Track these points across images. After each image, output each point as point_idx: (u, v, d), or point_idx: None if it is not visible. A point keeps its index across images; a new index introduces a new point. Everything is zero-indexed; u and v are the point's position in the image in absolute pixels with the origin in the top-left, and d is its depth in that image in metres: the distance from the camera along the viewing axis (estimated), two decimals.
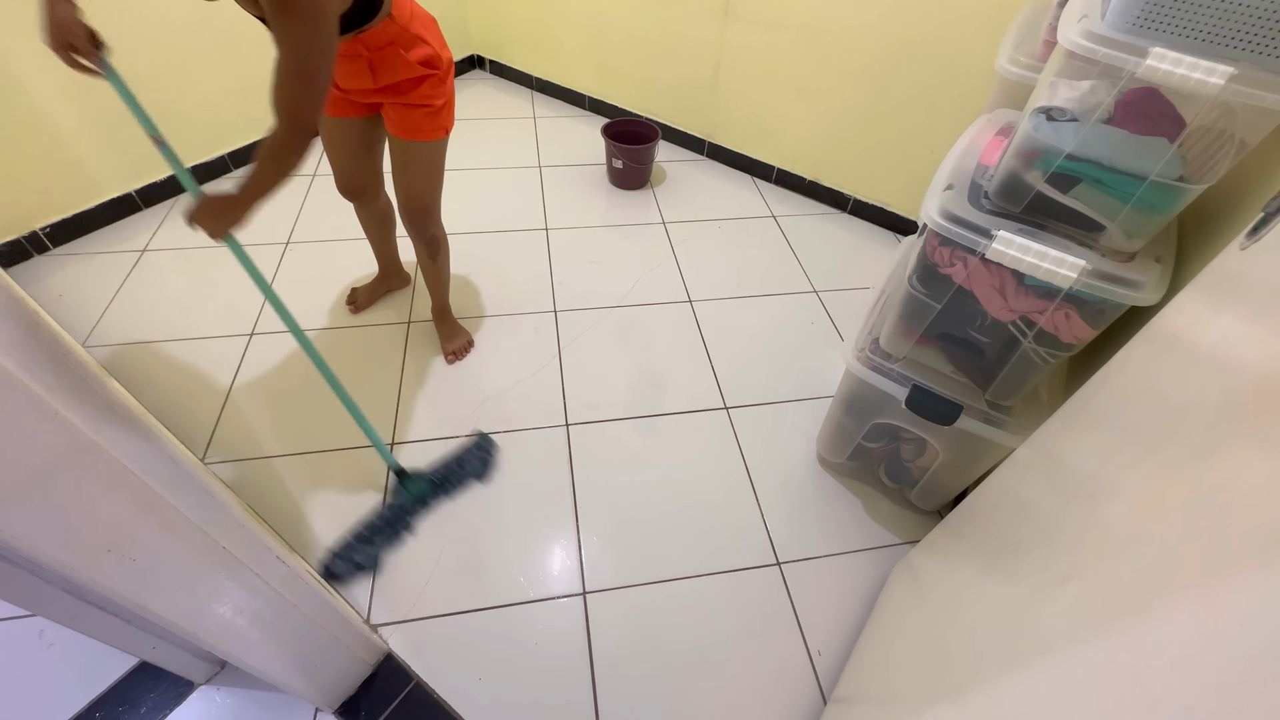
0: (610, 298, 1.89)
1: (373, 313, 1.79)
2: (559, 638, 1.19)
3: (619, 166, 2.26)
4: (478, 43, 2.98)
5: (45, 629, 1.16)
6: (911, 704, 0.77)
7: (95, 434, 0.54)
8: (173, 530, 0.65)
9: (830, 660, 1.19)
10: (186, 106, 2.07)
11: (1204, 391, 0.53)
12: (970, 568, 0.86)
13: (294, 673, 0.97)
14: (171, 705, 1.09)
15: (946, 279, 1.03)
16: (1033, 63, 1.16)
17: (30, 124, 1.75)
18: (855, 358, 1.20)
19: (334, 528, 1.33)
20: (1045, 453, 0.85)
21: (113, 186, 2.00)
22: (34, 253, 1.90)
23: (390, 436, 1.49)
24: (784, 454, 1.52)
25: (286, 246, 1.99)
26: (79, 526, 0.57)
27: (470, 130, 2.62)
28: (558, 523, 1.36)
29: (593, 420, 1.55)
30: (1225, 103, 0.75)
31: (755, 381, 1.68)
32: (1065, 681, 0.49)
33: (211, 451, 1.45)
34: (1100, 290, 0.87)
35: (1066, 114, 0.88)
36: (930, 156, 1.98)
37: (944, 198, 0.99)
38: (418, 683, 1.12)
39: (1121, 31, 0.79)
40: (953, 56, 1.78)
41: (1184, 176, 0.83)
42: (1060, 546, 0.63)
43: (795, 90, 2.13)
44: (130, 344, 1.67)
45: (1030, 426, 0.98)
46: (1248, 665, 0.33)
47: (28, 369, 0.49)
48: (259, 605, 0.82)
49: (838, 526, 1.39)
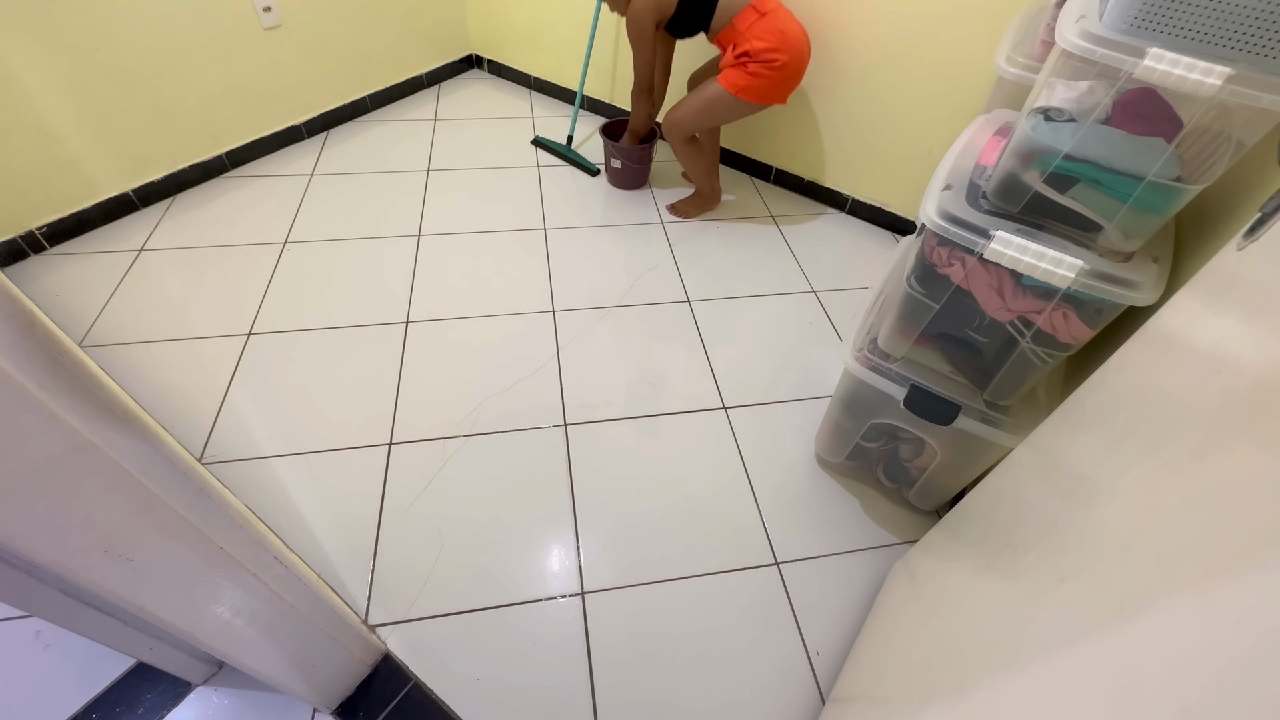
0: (609, 297, 1.88)
1: (376, 312, 1.79)
2: (557, 638, 1.19)
3: (618, 166, 2.26)
4: (476, 42, 2.97)
5: (42, 630, 1.15)
6: (910, 703, 0.77)
7: (92, 434, 0.54)
8: (170, 531, 0.65)
9: (828, 660, 1.19)
10: (185, 106, 2.07)
11: (1201, 391, 0.53)
12: (968, 567, 0.86)
13: (292, 673, 0.97)
14: (169, 706, 1.08)
15: (945, 279, 1.03)
16: (1031, 63, 1.16)
17: (26, 123, 1.75)
18: (854, 357, 1.20)
19: (332, 528, 1.33)
20: (1043, 452, 0.85)
21: (109, 186, 2.00)
22: (30, 252, 1.90)
23: (389, 436, 1.49)
24: (782, 454, 1.52)
25: (285, 246, 1.99)
26: (76, 527, 0.57)
27: (469, 130, 2.62)
28: (556, 523, 1.36)
29: (591, 420, 1.55)
30: (1222, 103, 0.76)
31: (754, 381, 1.68)
32: (1063, 681, 0.49)
33: (209, 451, 1.45)
34: (1098, 290, 0.88)
35: (1064, 114, 0.88)
36: (928, 157, 1.98)
37: (942, 198, 0.99)
38: (416, 683, 1.12)
39: (1119, 32, 0.79)
40: (951, 56, 1.78)
41: (1181, 177, 0.84)
42: (1058, 546, 0.63)
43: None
44: (127, 344, 1.67)
45: (1028, 426, 0.98)
46: (1245, 665, 0.33)
47: (24, 369, 0.49)
48: (257, 606, 0.82)
49: (836, 526, 1.40)
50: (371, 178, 2.31)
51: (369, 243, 2.02)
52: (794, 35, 1.72)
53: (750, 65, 1.72)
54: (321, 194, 2.21)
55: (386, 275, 1.91)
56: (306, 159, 2.38)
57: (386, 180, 2.30)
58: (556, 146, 2.49)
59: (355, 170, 2.34)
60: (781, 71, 1.73)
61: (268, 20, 2.16)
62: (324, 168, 2.34)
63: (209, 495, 0.74)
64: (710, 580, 1.29)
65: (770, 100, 1.81)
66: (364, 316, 1.78)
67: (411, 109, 2.73)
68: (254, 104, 2.26)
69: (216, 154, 2.22)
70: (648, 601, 1.25)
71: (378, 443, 1.48)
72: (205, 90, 2.10)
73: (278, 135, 2.38)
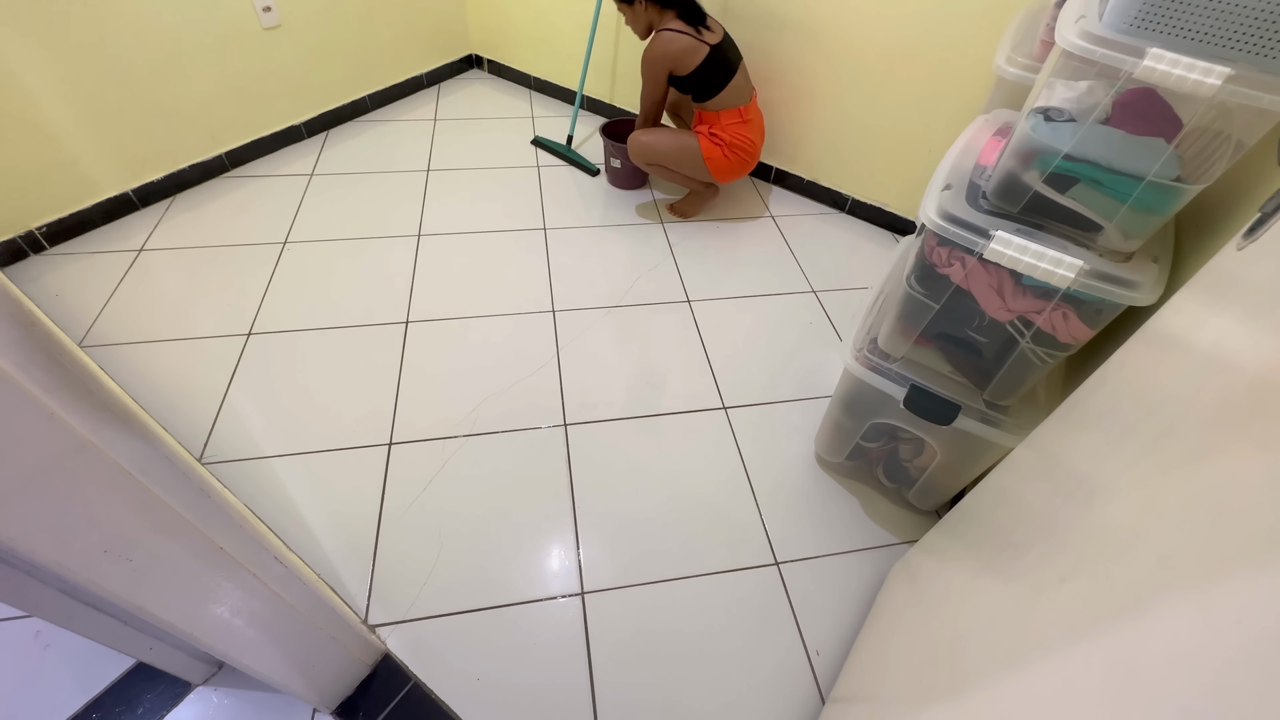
0: (608, 297, 1.88)
1: (376, 311, 1.79)
2: (557, 638, 1.19)
3: (617, 166, 2.26)
4: (476, 42, 2.97)
5: (41, 630, 1.15)
6: (909, 703, 0.77)
7: (92, 434, 0.54)
8: (170, 531, 0.65)
9: (828, 660, 1.19)
10: (184, 106, 2.07)
11: (1201, 391, 0.53)
12: (968, 567, 0.86)
13: (292, 673, 0.97)
14: (169, 706, 1.08)
15: (944, 279, 1.03)
16: (1030, 63, 1.16)
17: (26, 123, 1.75)
18: (853, 357, 1.20)
19: (332, 528, 1.33)
20: (1043, 452, 0.85)
21: (109, 186, 2.00)
22: (30, 252, 1.90)
23: (389, 436, 1.49)
24: (782, 454, 1.52)
25: (284, 246, 1.99)
26: (75, 527, 0.57)
27: (468, 130, 2.62)
28: (556, 522, 1.36)
29: (591, 420, 1.55)
30: (1222, 103, 0.76)
31: (753, 381, 1.68)
32: (1063, 681, 0.49)
33: (209, 451, 1.45)
34: (1098, 290, 0.88)
35: (1064, 114, 0.88)
36: (928, 156, 1.98)
37: (942, 198, 0.99)
38: (416, 683, 1.12)
39: (1119, 32, 0.79)
40: (951, 56, 1.78)
41: (1181, 177, 0.84)
42: (1057, 546, 0.63)
43: (793, 90, 2.13)
44: (127, 344, 1.67)
45: (1028, 426, 0.98)
46: (1244, 665, 0.33)
47: (24, 369, 0.48)
48: (256, 606, 0.82)
49: (836, 526, 1.40)
50: (371, 178, 2.31)
51: (369, 242, 2.02)
52: (756, 147, 1.97)
53: (724, 149, 1.93)
54: (321, 194, 2.21)
55: (387, 275, 1.91)
56: (306, 159, 2.38)
57: (386, 180, 2.30)
58: (556, 146, 2.49)
59: (355, 170, 2.34)
60: (738, 166, 1.98)
61: (268, 20, 2.16)
62: (324, 168, 2.34)
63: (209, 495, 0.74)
64: (710, 580, 1.29)
65: (718, 178, 2.02)
66: (364, 316, 1.78)
67: (411, 109, 2.73)
68: (254, 104, 2.26)
69: (216, 154, 2.22)
70: (648, 601, 1.25)
71: (378, 442, 1.48)
72: (205, 90, 2.10)
73: (277, 135, 2.38)
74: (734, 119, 1.91)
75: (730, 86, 1.84)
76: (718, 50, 1.79)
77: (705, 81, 1.83)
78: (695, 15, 1.78)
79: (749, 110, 1.92)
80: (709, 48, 1.77)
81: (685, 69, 1.80)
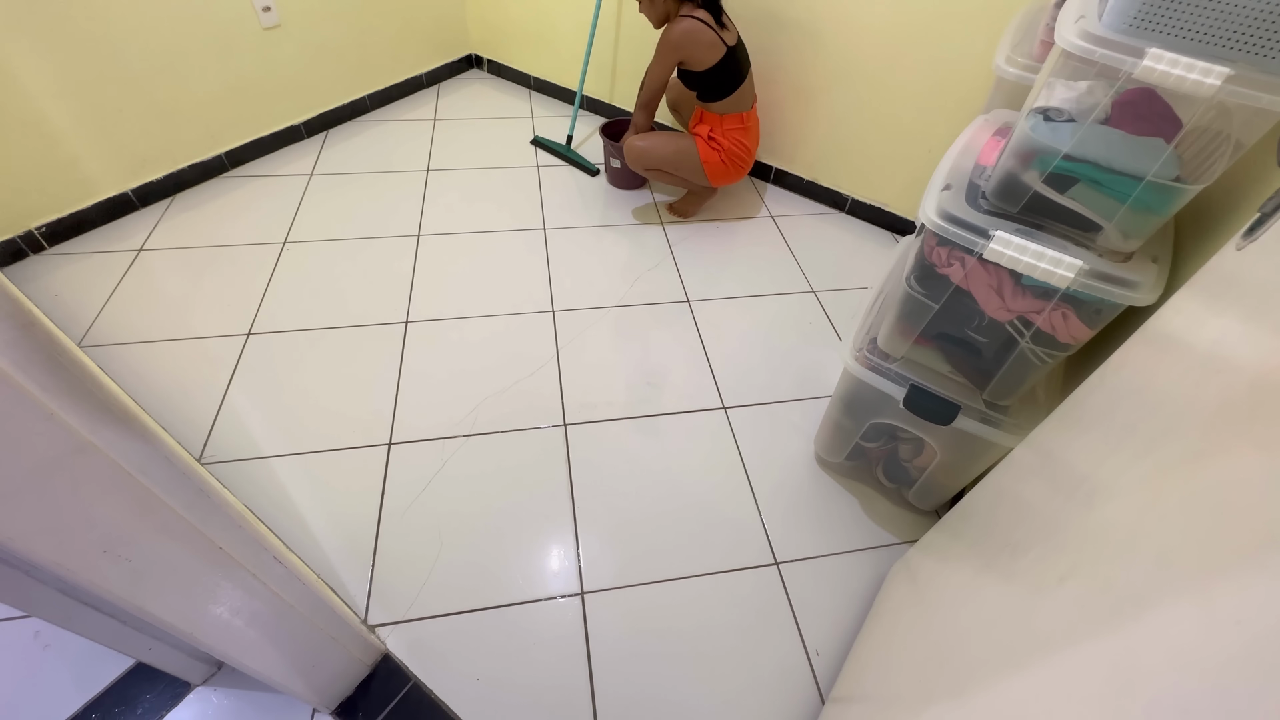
0: (608, 297, 1.88)
1: (376, 312, 1.79)
2: (557, 637, 1.19)
3: (617, 166, 2.26)
4: (475, 42, 2.97)
5: (41, 630, 1.15)
6: (909, 703, 0.77)
7: (91, 434, 0.54)
8: (169, 531, 0.65)
9: (828, 660, 1.19)
10: (184, 106, 2.06)
11: (1200, 391, 0.53)
12: (968, 567, 0.86)
13: (291, 673, 0.97)
14: (168, 706, 1.08)
15: (944, 279, 1.03)
16: (1030, 63, 1.16)
17: (25, 123, 1.75)
18: (853, 357, 1.20)
19: (332, 528, 1.32)
20: (1042, 452, 0.85)
21: (109, 185, 1.99)
22: (29, 252, 1.89)
23: (388, 436, 1.49)
24: (782, 454, 1.52)
25: (284, 246, 1.98)
26: (75, 527, 0.57)
27: (468, 130, 2.62)
28: (555, 522, 1.36)
29: (591, 420, 1.55)
30: (1222, 103, 0.76)
31: (753, 381, 1.68)
32: (1063, 680, 0.49)
33: (208, 451, 1.45)
34: (1097, 290, 0.88)
35: (1064, 114, 0.88)
36: (928, 156, 1.98)
37: (942, 198, 0.99)
38: (415, 683, 1.12)
39: (1118, 32, 0.79)
40: (950, 56, 1.78)
41: (1180, 177, 0.84)
42: (1057, 546, 0.63)
43: (793, 89, 2.13)
44: (126, 343, 1.67)
45: (1028, 426, 0.98)
46: (1244, 664, 0.33)
47: (23, 369, 0.48)
48: (256, 606, 0.82)
49: (835, 526, 1.40)
50: (371, 177, 2.31)
51: (368, 242, 2.02)
52: (751, 154, 2.00)
53: (721, 154, 1.94)
54: (321, 194, 2.21)
55: (386, 275, 1.91)
56: (306, 159, 2.38)
57: (386, 180, 2.30)
58: (556, 146, 2.49)
59: (355, 170, 2.34)
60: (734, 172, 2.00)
61: (267, 20, 2.16)
62: (323, 167, 2.34)
63: (208, 495, 0.74)
64: (709, 580, 1.29)
65: (713, 182, 2.04)
66: (364, 316, 1.78)
67: (411, 109, 2.73)
68: (253, 104, 2.26)
69: (216, 154, 2.22)
70: (647, 601, 1.25)
71: (377, 442, 1.48)
72: (205, 90, 2.10)
73: (277, 135, 2.38)
74: (735, 124, 1.91)
75: (739, 92, 1.85)
76: (733, 53, 1.78)
77: (716, 82, 1.82)
78: (714, 7, 1.77)
79: (749, 117, 1.93)
80: (726, 48, 1.77)
81: (701, 64, 1.78)
